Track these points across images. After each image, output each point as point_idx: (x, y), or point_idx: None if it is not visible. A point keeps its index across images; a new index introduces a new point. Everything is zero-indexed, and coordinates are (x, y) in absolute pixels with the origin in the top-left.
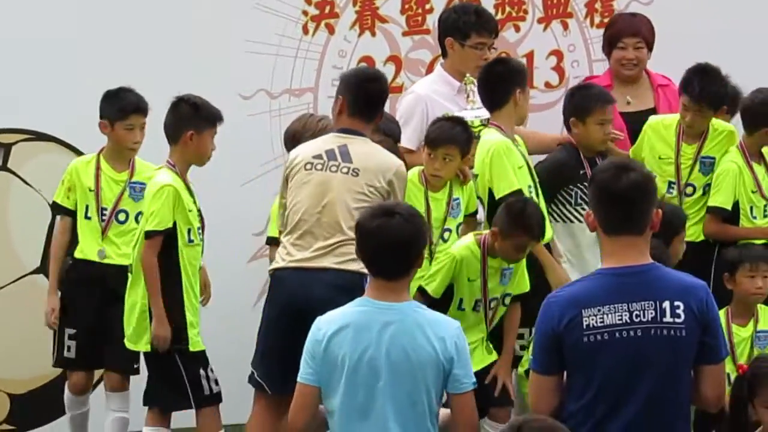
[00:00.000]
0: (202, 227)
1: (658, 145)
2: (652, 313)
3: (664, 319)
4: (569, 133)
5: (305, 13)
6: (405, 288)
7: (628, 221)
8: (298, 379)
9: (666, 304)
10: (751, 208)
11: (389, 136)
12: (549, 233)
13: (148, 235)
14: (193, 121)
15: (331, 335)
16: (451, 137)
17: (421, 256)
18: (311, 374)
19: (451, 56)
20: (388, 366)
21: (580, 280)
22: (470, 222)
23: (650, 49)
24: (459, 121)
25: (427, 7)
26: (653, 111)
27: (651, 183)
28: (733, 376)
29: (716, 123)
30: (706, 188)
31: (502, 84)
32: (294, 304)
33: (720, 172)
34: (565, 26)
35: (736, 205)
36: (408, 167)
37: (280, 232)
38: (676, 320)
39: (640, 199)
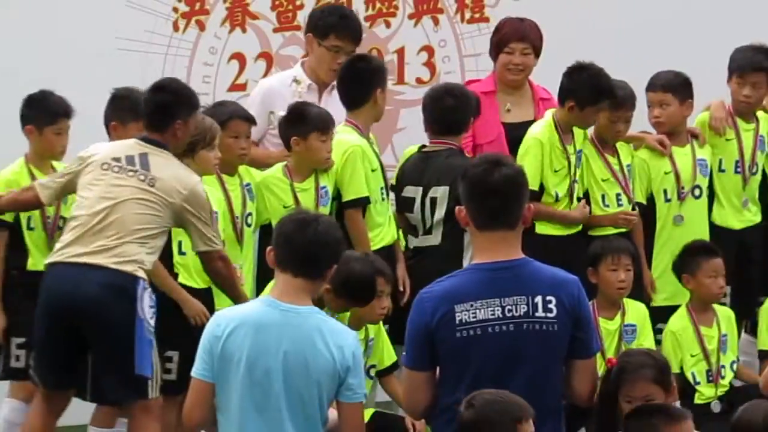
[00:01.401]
0: None
1: (552, 159)
2: (524, 308)
3: (537, 314)
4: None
5: (176, 9)
6: (312, 293)
7: (501, 216)
8: (193, 374)
9: (538, 299)
10: (603, 196)
11: None
12: (393, 234)
13: None
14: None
15: (230, 332)
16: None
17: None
18: (207, 370)
19: (309, 54)
20: (284, 368)
21: (452, 275)
22: None
23: (537, 55)
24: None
25: (298, 3)
26: (532, 123)
27: (522, 178)
28: (601, 370)
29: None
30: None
31: (363, 82)
32: (62, 300)
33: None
34: (436, 22)
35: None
36: (252, 160)
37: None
38: (549, 315)
39: (512, 193)
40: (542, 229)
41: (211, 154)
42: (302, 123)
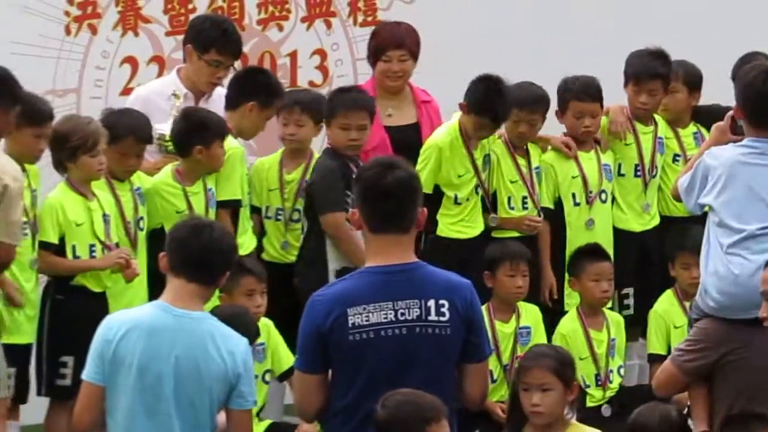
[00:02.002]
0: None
1: (455, 163)
2: (417, 312)
3: (429, 318)
4: None
5: (67, 13)
6: (205, 298)
7: (394, 219)
8: (83, 377)
9: (431, 303)
10: (509, 198)
11: None
12: (252, 244)
13: None
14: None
15: (122, 336)
16: None
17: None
18: (98, 373)
19: (188, 63)
20: (176, 373)
21: (345, 278)
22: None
23: (415, 59)
24: None
25: (190, 7)
26: (415, 126)
27: (416, 181)
28: (496, 373)
29: None
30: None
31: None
32: None
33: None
34: (329, 25)
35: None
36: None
37: None
38: (441, 319)
39: (405, 196)
40: (444, 231)
41: (95, 159)
42: (205, 132)
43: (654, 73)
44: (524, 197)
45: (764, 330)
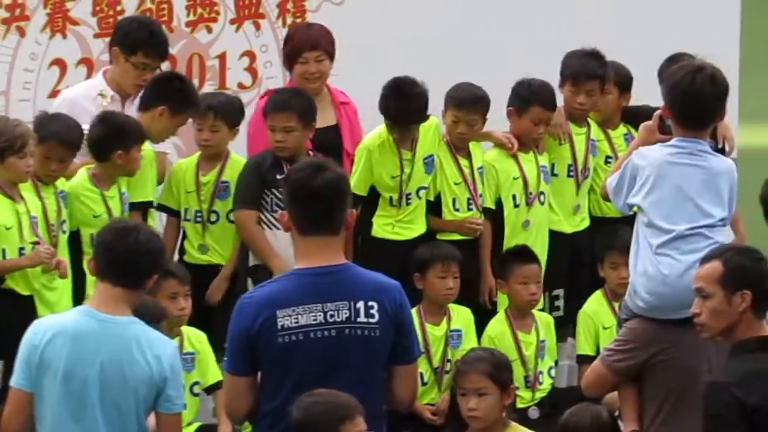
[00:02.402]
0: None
1: (385, 164)
2: (346, 313)
3: (359, 319)
4: None
5: None
6: (130, 302)
7: (323, 221)
8: (12, 383)
9: (360, 304)
10: (454, 200)
11: None
12: None
13: None
14: None
15: (47, 341)
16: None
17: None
18: (25, 379)
19: (114, 65)
20: (101, 378)
21: (274, 280)
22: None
23: (332, 59)
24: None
25: (119, 9)
26: (335, 128)
27: (345, 182)
28: (426, 376)
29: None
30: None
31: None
32: None
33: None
34: (258, 27)
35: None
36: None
37: None
38: (371, 320)
39: (334, 198)
40: (379, 232)
41: (22, 161)
42: (125, 136)
43: (592, 73)
44: (469, 199)
45: (693, 330)
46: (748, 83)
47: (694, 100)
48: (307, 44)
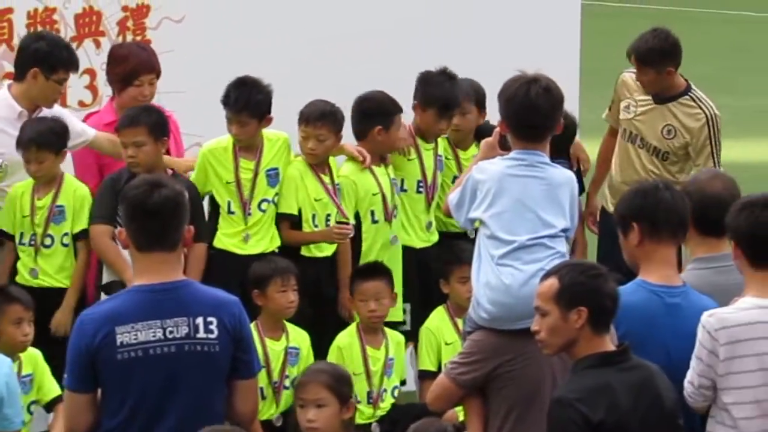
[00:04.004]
0: None
1: (220, 170)
2: (185, 330)
3: (198, 335)
4: None
5: None
6: None
7: (160, 238)
8: None
9: (199, 320)
10: (313, 216)
11: None
12: None
13: None
14: None
15: None
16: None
17: None
18: None
19: (29, 84)
20: None
21: (114, 296)
22: None
23: (159, 77)
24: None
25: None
26: None
27: (182, 199)
28: (267, 391)
29: (270, 134)
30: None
31: None
32: None
33: (283, 179)
34: (98, 45)
35: None
36: None
37: None
38: (210, 336)
39: (171, 215)
40: (221, 243)
41: None
42: None
43: (458, 102)
44: (328, 215)
45: (537, 341)
46: (587, 98)
47: (529, 112)
48: (145, 68)
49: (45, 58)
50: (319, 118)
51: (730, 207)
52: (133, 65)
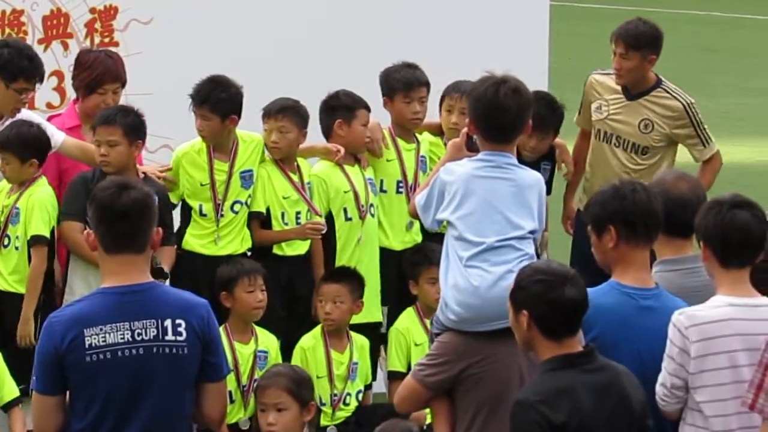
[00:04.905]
0: None
1: (194, 172)
2: (154, 332)
3: (167, 338)
4: None
5: None
6: None
7: (128, 239)
8: None
9: (168, 323)
10: (283, 214)
11: None
12: None
13: None
14: None
15: None
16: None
17: None
18: None
19: None
20: None
21: (81, 299)
22: None
23: (124, 86)
24: None
25: None
26: None
27: (151, 201)
28: (235, 394)
29: (244, 135)
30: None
31: None
32: None
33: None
34: (66, 46)
35: None
36: None
37: None
38: (178, 338)
39: (139, 217)
40: (189, 244)
41: None
42: None
43: (422, 80)
44: (297, 212)
45: (505, 342)
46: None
47: (497, 112)
48: (110, 77)
49: (5, 65)
50: (280, 110)
51: (697, 208)
52: (97, 73)
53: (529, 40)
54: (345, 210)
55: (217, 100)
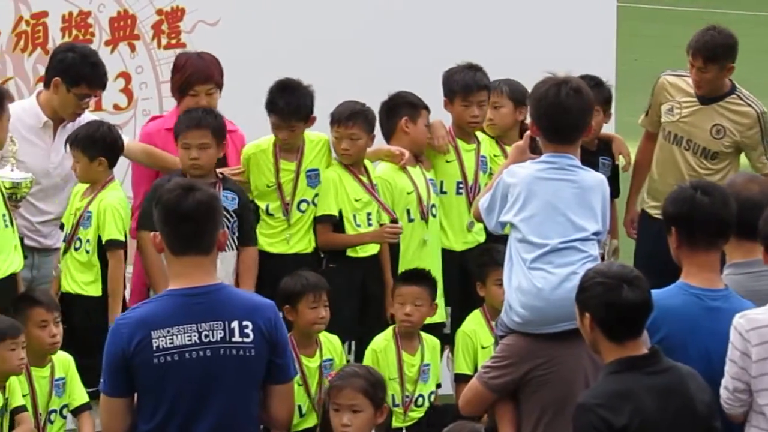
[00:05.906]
0: None
1: (261, 173)
2: (221, 333)
3: (233, 339)
4: None
5: None
6: None
7: (195, 241)
8: None
9: (235, 324)
10: (354, 216)
11: None
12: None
13: None
14: None
15: None
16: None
17: None
18: None
19: (52, 93)
20: None
21: (148, 301)
22: None
23: (221, 90)
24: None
25: None
26: (222, 159)
27: (216, 203)
28: (305, 408)
29: (311, 134)
30: (317, 199)
31: None
32: None
33: (322, 181)
34: (133, 48)
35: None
36: None
37: None
38: (245, 340)
39: (205, 218)
40: (260, 245)
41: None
42: None
43: (481, 83)
44: (368, 213)
45: (569, 344)
46: (623, 101)
47: (560, 113)
48: (200, 78)
49: (68, 69)
50: (350, 117)
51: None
52: (187, 75)
53: (595, 41)
54: (408, 211)
55: (305, 108)
